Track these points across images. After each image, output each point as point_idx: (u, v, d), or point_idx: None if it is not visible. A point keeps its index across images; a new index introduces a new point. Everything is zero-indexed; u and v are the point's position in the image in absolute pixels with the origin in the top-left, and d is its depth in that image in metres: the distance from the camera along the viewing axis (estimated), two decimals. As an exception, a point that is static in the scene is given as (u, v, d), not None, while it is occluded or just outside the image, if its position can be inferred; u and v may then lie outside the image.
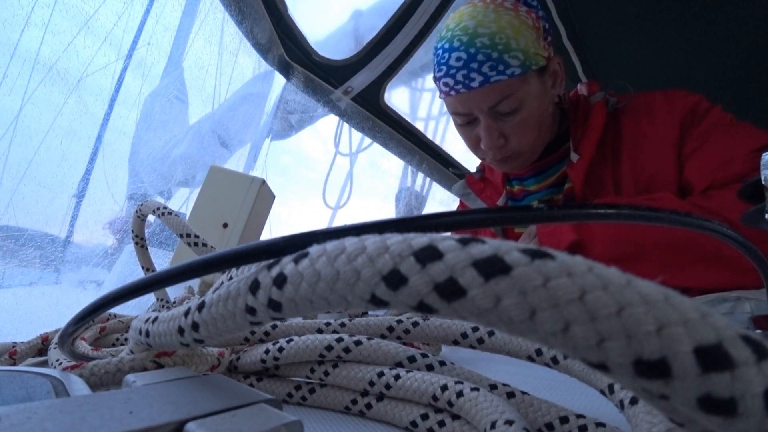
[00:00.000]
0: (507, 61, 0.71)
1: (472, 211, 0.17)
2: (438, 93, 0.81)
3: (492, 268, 0.09)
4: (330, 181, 1.40)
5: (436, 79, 0.79)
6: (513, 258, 0.10)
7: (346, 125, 1.32)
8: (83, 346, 0.31)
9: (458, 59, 0.72)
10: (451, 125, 1.68)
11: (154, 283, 0.18)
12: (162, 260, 0.79)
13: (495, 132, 0.77)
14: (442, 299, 0.10)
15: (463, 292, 0.10)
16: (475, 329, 0.29)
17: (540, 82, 0.76)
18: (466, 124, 0.80)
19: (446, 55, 0.73)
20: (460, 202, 1.05)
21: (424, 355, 0.27)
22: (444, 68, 0.74)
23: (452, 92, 0.75)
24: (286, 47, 1.07)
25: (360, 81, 1.22)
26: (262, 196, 0.72)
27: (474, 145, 0.83)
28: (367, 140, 1.39)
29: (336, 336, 0.27)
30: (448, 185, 1.71)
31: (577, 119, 0.83)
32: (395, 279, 0.11)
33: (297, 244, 0.15)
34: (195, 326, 0.17)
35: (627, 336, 0.08)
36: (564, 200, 0.84)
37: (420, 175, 1.66)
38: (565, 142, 0.85)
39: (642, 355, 0.08)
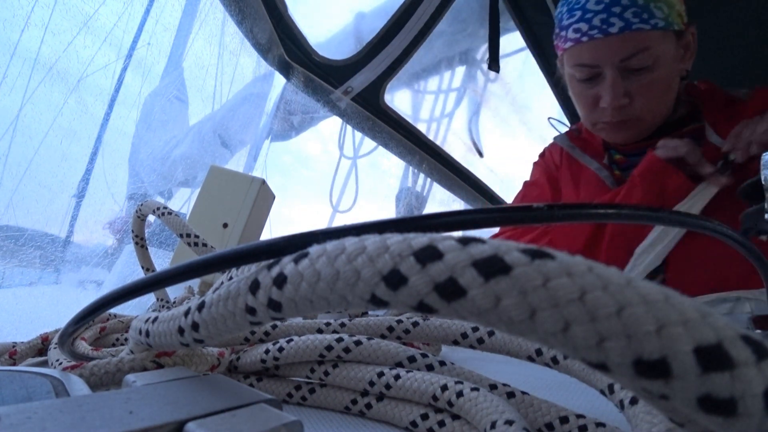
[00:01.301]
0: (652, 10, 0.67)
1: (473, 210, 0.17)
2: (559, 45, 0.74)
3: (492, 268, 0.09)
4: (331, 182, 1.40)
5: (562, 29, 0.73)
6: (513, 258, 0.10)
7: (349, 128, 1.32)
8: (83, 346, 0.31)
9: (598, 2, 0.68)
10: (453, 126, 1.69)
11: (154, 283, 0.18)
12: (162, 260, 0.79)
13: (621, 89, 0.72)
14: (442, 299, 0.10)
15: (463, 292, 0.10)
16: (475, 329, 0.29)
17: (675, 47, 0.72)
18: (587, 79, 0.74)
19: None
20: (547, 153, 0.97)
21: (424, 355, 0.27)
22: (578, 12, 0.69)
23: (584, 38, 0.70)
24: (286, 47, 1.07)
25: (360, 81, 1.22)
26: (262, 196, 0.72)
27: (591, 105, 0.77)
28: (372, 144, 1.39)
29: (336, 336, 0.27)
30: (448, 185, 1.70)
31: (714, 105, 0.78)
32: (395, 279, 0.11)
33: (297, 244, 0.15)
34: (195, 326, 0.17)
35: (627, 336, 0.08)
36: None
37: (420, 176, 1.66)
38: (678, 128, 0.80)
39: (642, 355, 0.08)
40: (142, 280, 0.19)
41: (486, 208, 0.17)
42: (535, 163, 1.02)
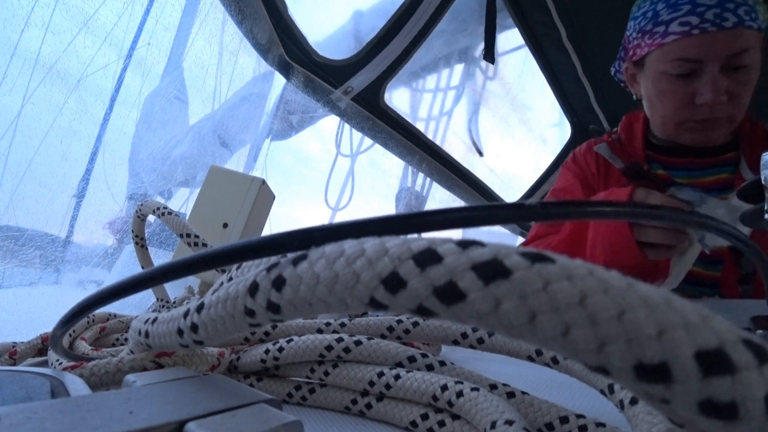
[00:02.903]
0: (757, 10, 0.70)
1: (467, 208, 0.17)
2: (649, 43, 0.74)
3: (491, 271, 0.09)
4: (331, 181, 1.39)
5: (660, 24, 0.73)
6: (513, 262, 0.09)
7: (346, 125, 1.32)
8: (83, 346, 0.31)
9: None
10: (453, 125, 1.68)
11: (142, 282, 0.18)
12: (162, 260, 0.79)
13: (722, 85, 0.71)
14: (441, 303, 0.10)
15: (463, 296, 0.10)
16: (475, 329, 0.29)
17: (763, 51, 0.74)
18: (684, 76, 0.74)
19: None
20: (581, 159, 0.94)
21: (424, 355, 0.27)
22: (688, 6, 0.70)
23: (694, 31, 0.70)
24: (286, 47, 1.06)
25: (360, 81, 1.22)
26: (262, 196, 0.72)
27: (683, 102, 0.76)
28: (368, 141, 1.39)
29: (336, 336, 0.27)
30: (447, 185, 1.70)
31: (753, 138, 0.80)
32: (394, 282, 0.11)
33: (294, 241, 0.14)
34: (194, 328, 0.17)
35: (628, 340, 0.08)
36: None
37: (420, 175, 1.65)
38: (719, 152, 0.81)
39: (643, 359, 0.08)
40: (128, 279, 0.18)
41: (476, 205, 0.17)
42: (564, 167, 0.99)
